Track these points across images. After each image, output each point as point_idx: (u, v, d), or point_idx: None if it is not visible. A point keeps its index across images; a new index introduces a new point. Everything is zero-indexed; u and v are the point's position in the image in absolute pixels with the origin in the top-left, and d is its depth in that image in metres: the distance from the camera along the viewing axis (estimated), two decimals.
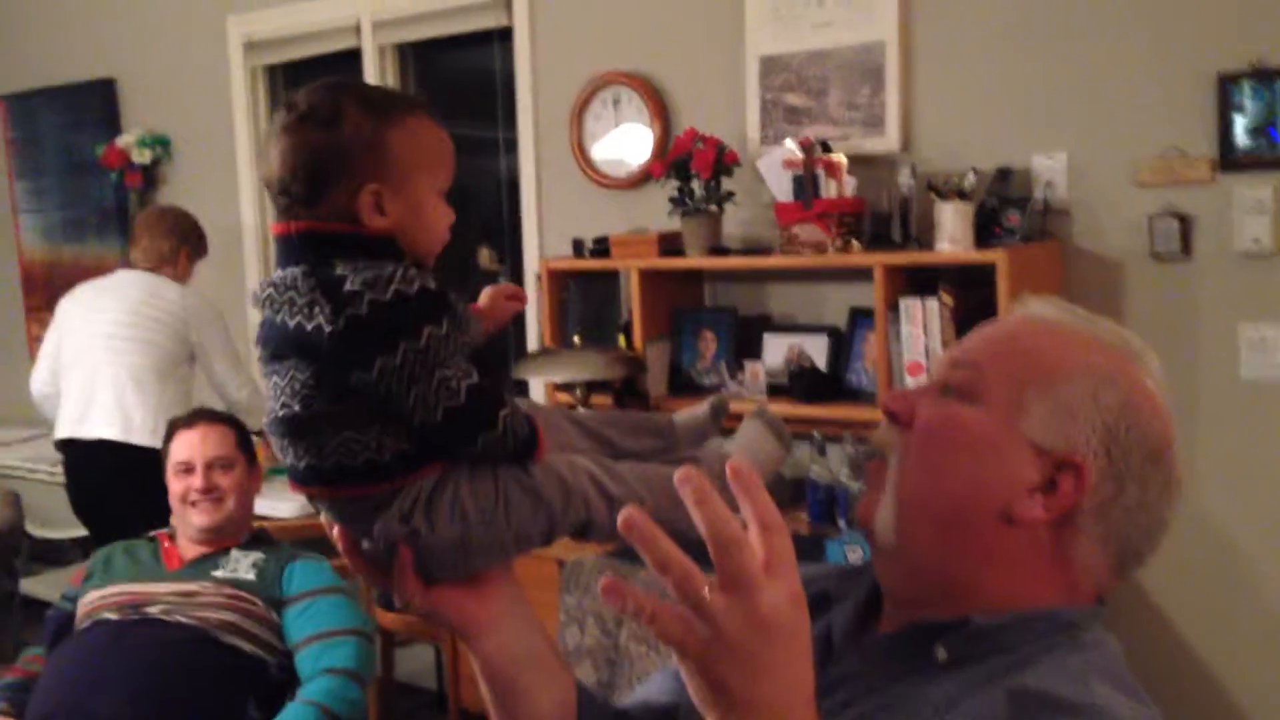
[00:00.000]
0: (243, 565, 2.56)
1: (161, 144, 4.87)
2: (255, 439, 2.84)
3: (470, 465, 1.10)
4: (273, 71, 4.63)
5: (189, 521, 2.62)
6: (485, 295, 1.26)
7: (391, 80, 4.25)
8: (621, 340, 3.34)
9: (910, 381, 2.92)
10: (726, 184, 3.28)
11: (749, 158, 3.33)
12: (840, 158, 3.07)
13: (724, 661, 0.75)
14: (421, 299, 1.05)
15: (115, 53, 5.06)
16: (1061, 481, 1.00)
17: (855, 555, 2.64)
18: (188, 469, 2.64)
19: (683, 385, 3.43)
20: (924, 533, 1.03)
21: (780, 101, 3.36)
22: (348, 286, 1.04)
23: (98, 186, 5.07)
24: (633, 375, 3.27)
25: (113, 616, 2.45)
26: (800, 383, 3.15)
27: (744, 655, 0.74)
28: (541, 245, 3.86)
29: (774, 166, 3.18)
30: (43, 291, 5.33)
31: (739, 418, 1.27)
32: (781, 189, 3.16)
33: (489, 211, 4.09)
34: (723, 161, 3.20)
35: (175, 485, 2.64)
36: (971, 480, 1.02)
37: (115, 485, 3.61)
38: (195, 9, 4.73)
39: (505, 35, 3.91)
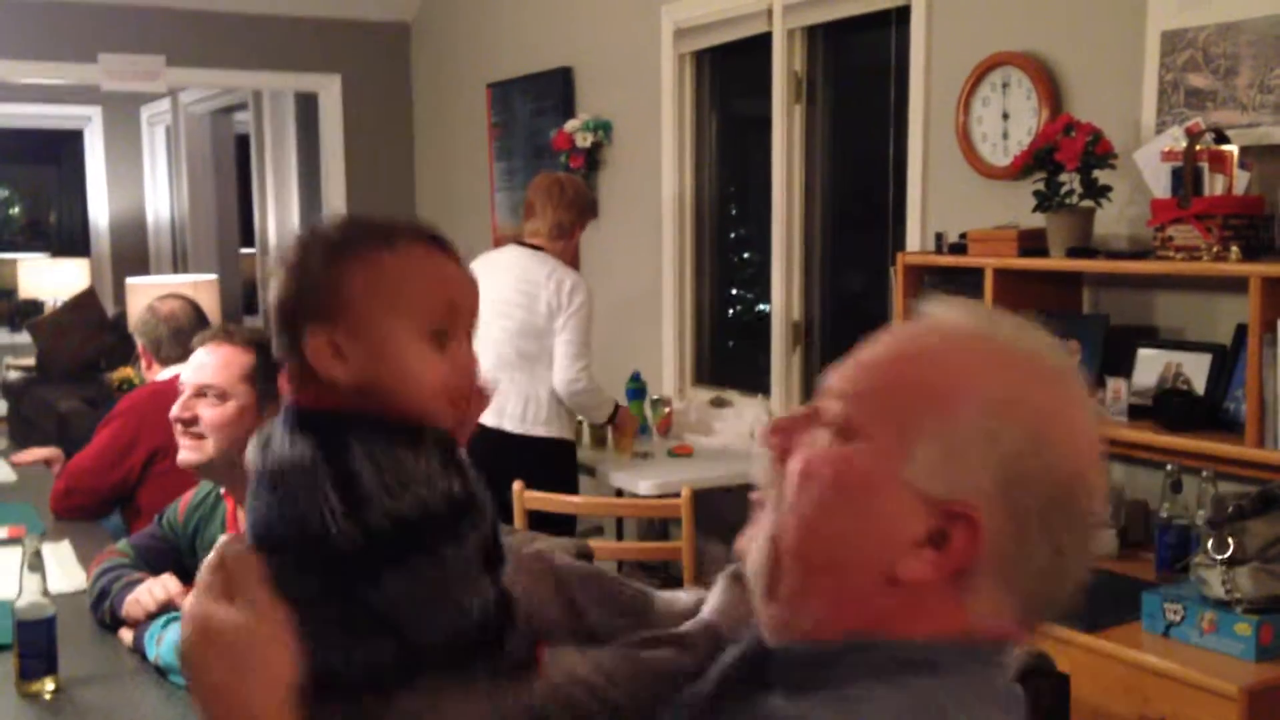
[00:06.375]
0: None
1: (604, 128, 5.14)
2: None
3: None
4: (699, 58, 4.74)
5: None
6: None
7: (798, 65, 4.19)
8: None
9: None
10: (1106, 177, 2.91)
11: (1141, 147, 2.93)
12: (1230, 149, 2.63)
13: None
14: (448, 513, 0.93)
15: (573, 43, 5.40)
16: (954, 534, 0.84)
17: (1175, 614, 2.27)
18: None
19: None
20: (809, 594, 0.89)
21: (1181, 83, 2.93)
22: (364, 487, 0.91)
23: (552, 168, 5.44)
24: None
25: None
26: (1167, 407, 2.74)
27: None
28: (924, 236, 3.65)
29: (1153, 158, 2.78)
30: None
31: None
32: (1160, 184, 2.76)
33: (878, 200, 3.93)
34: (1093, 152, 2.85)
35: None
36: (849, 535, 0.86)
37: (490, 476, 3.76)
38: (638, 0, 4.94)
39: (904, 17, 3.72)
